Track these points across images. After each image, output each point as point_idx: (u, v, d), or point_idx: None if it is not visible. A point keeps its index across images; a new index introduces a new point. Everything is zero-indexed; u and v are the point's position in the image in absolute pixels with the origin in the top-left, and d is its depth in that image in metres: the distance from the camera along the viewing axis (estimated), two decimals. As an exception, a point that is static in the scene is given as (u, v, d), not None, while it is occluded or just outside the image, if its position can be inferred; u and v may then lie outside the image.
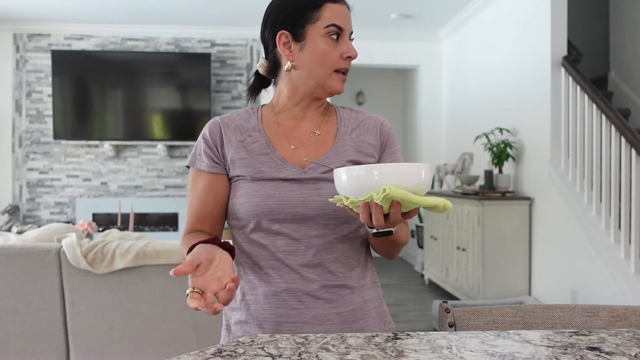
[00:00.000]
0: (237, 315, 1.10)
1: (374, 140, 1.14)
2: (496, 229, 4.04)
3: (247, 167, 1.07)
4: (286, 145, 1.10)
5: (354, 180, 0.86)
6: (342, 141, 1.11)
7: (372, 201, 0.85)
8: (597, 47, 4.88)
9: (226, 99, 6.00)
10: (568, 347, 0.72)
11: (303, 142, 1.11)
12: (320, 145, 1.11)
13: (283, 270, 1.05)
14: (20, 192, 5.87)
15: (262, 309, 1.07)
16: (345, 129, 1.13)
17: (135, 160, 5.98)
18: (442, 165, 5.51)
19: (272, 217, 1.04)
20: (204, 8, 5.29)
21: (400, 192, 0.83)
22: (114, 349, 2.37)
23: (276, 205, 1.04)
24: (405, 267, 6.45)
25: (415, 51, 6.15)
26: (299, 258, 1.05)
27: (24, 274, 2.32)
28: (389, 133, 1.16)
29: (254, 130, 1.11)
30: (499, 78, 4.67)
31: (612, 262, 3.11)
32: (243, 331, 1.09)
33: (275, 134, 1.11)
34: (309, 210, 1.04)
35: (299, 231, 1.05)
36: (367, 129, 1.15)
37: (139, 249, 2.33)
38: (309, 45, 1.06)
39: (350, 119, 1.16)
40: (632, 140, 2.99)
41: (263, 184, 1.05)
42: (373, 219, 0.86)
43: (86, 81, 5.74)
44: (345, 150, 1.10)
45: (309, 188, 1.05)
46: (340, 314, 1.06)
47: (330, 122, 1.14)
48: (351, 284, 1.08)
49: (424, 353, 0.69)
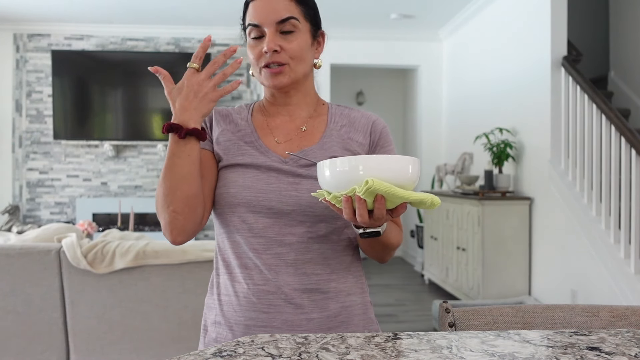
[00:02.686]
0: (213, 315, 1.08)
1: (362, 138, 1.10)
2: (496, 229, 4.04)
3: (230, 147, 1.07)
4: (271, 138, 1.09)
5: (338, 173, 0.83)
6: (328, 137, 1.09)
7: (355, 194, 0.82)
8: (597, 47, 4.88)
9: (226, 99, 5.99)
10: (568, 347, 0.72)
11: (289, 137, 1.09)
12: (305, 141, 1.08)
13: (254, 270, 1.02)
14: (21, 192, 5.87)
15: (233, 310, 1.04)
16: (334, 125, 1.11)
17: (135, 160, 5.98)
18: (442, 165, 5.51)
19: (247, 209, 1.02)
20: (204, 8, 5.29)
21: (384, 185, 0.80)
22: (114, 349, 2.37)
23: (252, 197, 1.02)
24: (405, 267, 6.45)
25: (415, 51, 6.15)
26: (271, 257, 1.02)
27: (24, 274, 2.32)
28: (380, 132, 1.12)
29: (242, 121, 1.12)
30: (499, 78, 4.67)
31: (612, 262, 3.11)
32: (217, 333, 1.06)
33: (262, 127, 1.11)
34: (285, 205, 1.01)
35: (273, 228, 1.02)
36: (357, 126, 1.12)
37: (139, 249, 2.33)
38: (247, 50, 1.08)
39: (342, 115, 1.13)
40: (632, 140, 2.99)
41: (242, 172, 1.04)
42: (357, 214, 0.84)
43: (86, 81, 5.74)
44: (331, 147, 1.07)
45: (287, 182, 1.03)
46: (311, 320, 1.02)
47: (319, 119, 1.12)
48: (326, 289, 1.03)
49: (424, 353, 0.69)
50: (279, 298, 1.01)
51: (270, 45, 1.02)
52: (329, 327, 1.03)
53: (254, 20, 1.03)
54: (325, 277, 1.04)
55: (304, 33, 1.06)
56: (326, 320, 1.03)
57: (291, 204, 1.01)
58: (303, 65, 1.07)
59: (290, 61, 1.04)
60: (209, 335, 1.08)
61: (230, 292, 1.05)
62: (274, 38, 1.03)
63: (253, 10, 1.04)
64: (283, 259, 1.02)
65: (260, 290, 1.02)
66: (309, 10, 1.08)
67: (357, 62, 5.96)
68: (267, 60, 1.03)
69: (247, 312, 1.02)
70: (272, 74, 1.04)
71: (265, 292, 1.02)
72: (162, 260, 2.33)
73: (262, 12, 1.03)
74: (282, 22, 1.03)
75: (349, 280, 1.07)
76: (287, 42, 1.04)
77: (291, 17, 1.03)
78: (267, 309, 1.01)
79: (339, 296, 1.05)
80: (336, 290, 1.05)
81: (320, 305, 1.03)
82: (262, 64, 1.04)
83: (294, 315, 1.01)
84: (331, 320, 1.03)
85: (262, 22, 1.03)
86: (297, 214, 1.02)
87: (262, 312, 1.01)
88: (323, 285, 1.03)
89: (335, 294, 1.04)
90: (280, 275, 1.02)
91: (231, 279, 1.05)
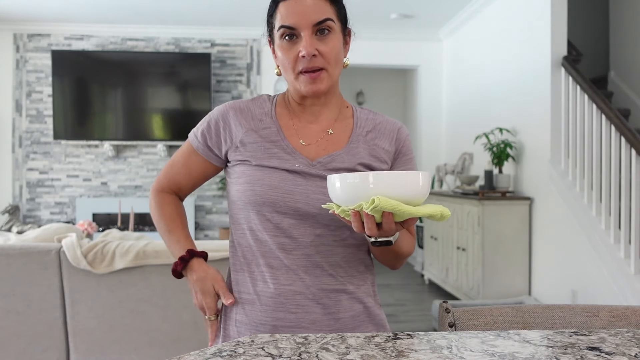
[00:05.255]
0: (233, 314, 1.07)
1: (388, 145, 1.09)
2: (496, 229, 4.04)
3: (257, 151, 1.04)
4: (296, 139, 1.06)
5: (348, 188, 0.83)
6: (355, 142, 1.07)
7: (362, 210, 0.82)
8: (597, 47, 4.88)
9: (226, 99, 5.99)
10: (568, 347, 0.72)
11: (315, 139, 1.07)
12: (332, 144, 1.07)
13: (281, 270, 1.02)
14: (21, 192, 5.87)
15: (258, 310, 1.03)
16: (360, 130, 1.09)
17: (136, 160, 5.98)
18: (442, 165, 5.51)
19: (273, 209, 1.01)
20: (204, 8, 5.29)
21: (390, 202, 0.80)
22: (114, 349, 2.37)
23: (278, 197, 1.01)
24: (405, 267, 6.45)
25: (415, 51, 6.15)
26: (298, 258, 1.02)
27: (24, 274, 2.32)
28: (404, 140, 1.11)
29: (266, 116, 1.08)
30: (499, 78, 4.67)
31: (612, 262, 3.11)
32: (238, 332, 1.06)
33: (287, 126, 1.08)
34: (311, 208, 1.01)
35: (298, 229, 1.02)
36: (383, 133, 1.10)
37: (139, 249, 2.33)
38: (276, 50, 1.05)
39: (367, 120, 1.11)
40: (632, 140, 2.99)
41: (269, 173, 1.02)
42: (365, 228, 0.84)
43: (86, 81, 5.74)
44: (359, 152, 1.06)
45: (315, 185, 1.01)
46: (339, 320, 1.03)
47: (345, 122, 1.10)
48: (351, 290, 1.05)
49: (424, 353, 0.69)
50: (306, 298, 1.02)
51: (309, 49, 0.98)
52: (353, 327, 1.05)
53: (288, 22, 0.99)
54: (348, 280, 1.05)
55: (338, 34, 1.03)
56: (351, 320, 1.04)
57: (318, 206, 1.01)
58: (338, 68, 1.05)
59: (327, 65, 1.01)
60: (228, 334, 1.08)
61: (251, 290, 1.05)
62: (311, 41, 0.99)
63: (286, 11, 1.00)
64: (310, 260, 1.02)
65: (287, 291, 1.02)
66: (341, 10, 1.05)
67: (357, 62, 5.96)
68: (305, 66, 1.00)
69: (274, 313, 1.02)
70: (311, 80, 1.01)
71: (292, 292, 1.02)
72: (162, 260, 2.33)
73: (298, 14, 0.99)
74: (319, 23, 0.99)
75: (367, 282, 1.09)
76: (324, 45, 1.00)
77: (328, 19, 1.00)
78: (295, 309, 1.02)
79: (362, 298, 1.06)
80: (359, 292, 1.06)
81: (346, 305, 1.04)
82: (299, 68, 1.01)
83: (322, 315, 1.02)
84: (354, 320, 1.05)
85: (298, 24, 0.99)
86: (323, 217, 1.01)
87: (290, 313, 1.02)
88: (348, 287, 1.05)
89: (358, 296, 1.06)
90: (307, 276, 1.02)
91: (252, 277, 1.05)
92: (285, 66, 1.03)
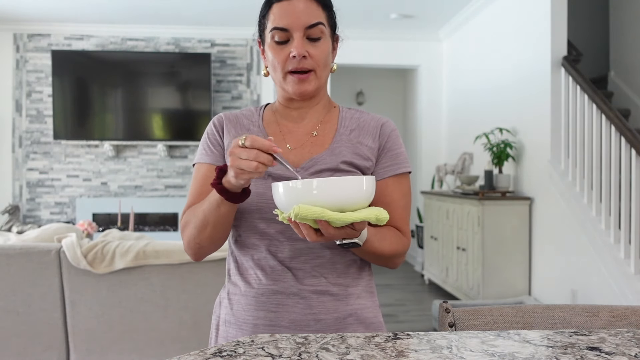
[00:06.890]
0: (224, 314, 1.09)
1: (372, 142, 1.09)
2: (496, 229, 4.04)
3: None
4: (283, 144, 1.08)
5: (289, 193, 0.83)
6: (338, 142, 1.08)
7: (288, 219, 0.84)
8: (597, 47, 4.88)
9: (226, 99, 6.00)
10: (568, 347, 0.72)
11: (301, 142, 1.08)
12: (316, 146, 1.08)
13: (266, 271, 1.04)
14: (21, 192, 5.87)
15: (242, 309, 1.05)
16: (344, 129, 1.10)
17: (135, 160, 5.98)
18: (442, 165, 5.51)
19: (259, 215, 1.03)
20: (204, 8, 5.29)
21: (312, 210, 0.80)
22: (114, 349, 2.37)
23: (264, 204, 1.02)
24: (405, 267, 6.45)
25: (415, 51, 6.15)
26: (283, 260, 1.03)
27: (24, 274, 2.32)
28: (389, 135, 1.11)
29: (254, 126, 1.11)
30: (499, 78, 4.67)
31: (612, 262, 3.11)
32: (227, 332, 1.08)
33: (274, 132, 1.10)
34: None
35: (285, 233, 1.03)
36: (366, 130, 1.10)
37: (139, 249, 2.33)
38: (266, 51, 1.06)
39: (352, 119, 1.12)
40: (632, 140, 2.99)
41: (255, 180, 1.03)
42: (305, 234, 0.86)
43: (86, 81, 5.74)
44: (341, 152, 1.07)
45: None
46: (319, 321, 1.02)
47: (330, 123, 1.11)
48: (336, 291, 1.04)
49: (424, 353, 0.69)
50: (287, 297, 1.02)
51: (300, 50, 1.01)
52: (337, 329, 1.03)
53: (281, 24, 1.02)
54: (333, 281, 1.04)
55: (327, 38, 1.06)
56: (334, 322, 1.03)
57: None
58: (326, 71, 1.07)
59: (316, 68, 1.04)
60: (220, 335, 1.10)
61: (240, 291, 1.06)
62: (302, 43, 1.02)
63: (280, 12, 1.02)
64: (294, 261, 1.03)
65: (268, 290, 1.03)
66: (331, 15, 1.08)
67: (357, 62, 5.96)
68: (294, 66, 1.02)
69: (255, 312, 1.03)
70: (299, 80, 1.03)
71: (273, 291, 1.03)
72: (162, 260, 2.33)
73: (291, 16, 1.01)
74: (311, 27, 1.02)
75: (360, 284, 1.08)
76: (314, 48, 1.03)
77: (319, 23, 1.03)
78: (275, 308, 1.02)
79: (348, 299, 1.05)
80: (346, 294, 1.05)
81: (328, 307, 1.03)
82: (288, 68, 1.03)
83: (302, 315, 1.02)
84: (340, 322, 1.04)
85: (290, 26, 1.01)
86: None
87: (270, 312, 1.02)
88: (332, 288, 1.04)
89: (344, 297, 1.05)
90: (290, 277, 1.03)
91: (243, 279, 1.07)
92: (275, 66, 1.05)
